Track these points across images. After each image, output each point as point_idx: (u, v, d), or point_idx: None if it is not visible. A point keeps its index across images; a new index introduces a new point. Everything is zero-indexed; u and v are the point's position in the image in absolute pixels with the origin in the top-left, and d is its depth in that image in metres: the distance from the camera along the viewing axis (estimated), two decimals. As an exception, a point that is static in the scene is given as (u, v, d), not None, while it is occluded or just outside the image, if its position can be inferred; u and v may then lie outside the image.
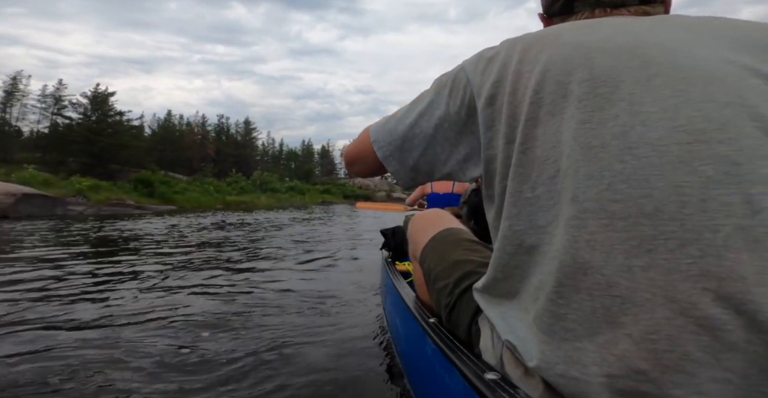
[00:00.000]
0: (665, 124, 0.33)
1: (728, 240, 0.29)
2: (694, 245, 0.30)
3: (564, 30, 0.42)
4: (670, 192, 0.31)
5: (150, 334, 1.47)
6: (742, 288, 0.29)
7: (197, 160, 31.35)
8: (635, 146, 0.33)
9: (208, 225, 7.35)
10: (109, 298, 2.01)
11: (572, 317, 0.34)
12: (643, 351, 0.31)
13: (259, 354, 1.30)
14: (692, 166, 0.31)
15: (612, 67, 0.36)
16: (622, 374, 0.31)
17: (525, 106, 0.39)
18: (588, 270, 0.33)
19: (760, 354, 0.28)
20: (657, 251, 0.31)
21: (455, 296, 0.58)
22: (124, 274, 2.65)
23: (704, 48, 0.36)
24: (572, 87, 0.37)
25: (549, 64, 0.39)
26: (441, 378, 0.55)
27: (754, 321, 0.28)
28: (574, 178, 0.35)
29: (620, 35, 0.38)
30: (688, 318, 0.30)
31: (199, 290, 2.21)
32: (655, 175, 0.32)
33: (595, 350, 0.33)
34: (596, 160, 0.34)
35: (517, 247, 0.40)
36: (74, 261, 3.15)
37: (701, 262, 0.30)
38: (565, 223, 0.35)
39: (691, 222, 0.30)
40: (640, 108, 0.34)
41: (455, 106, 0.46)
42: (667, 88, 0.34)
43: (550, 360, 0.36)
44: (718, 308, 0.29)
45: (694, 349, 0.29)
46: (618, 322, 0.32)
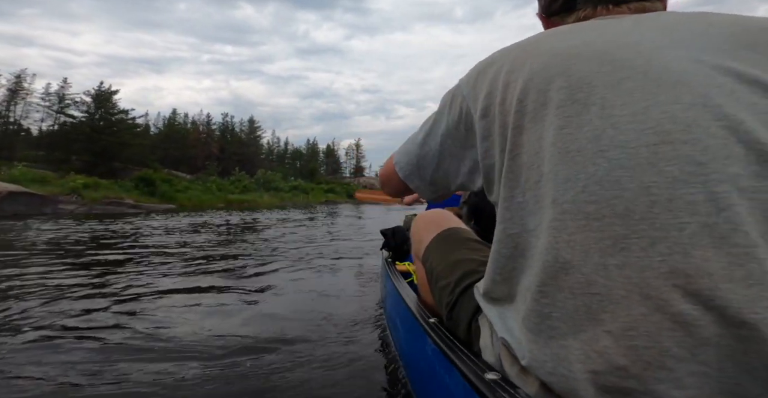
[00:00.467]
0: (634, 127, 0.34)
1: (694, 238, 0.30)
2: (662, 243, 0.31)
3: (546, 38, 0.43)
4: (640, 192, 0.32)
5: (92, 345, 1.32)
6: (709, 284, 0.30)
7: (201, 159, 31.24)
8: (606, 149, 0.34)
9: (199, 224, 7.11)
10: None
11: (556, 315, 0.35)
12: (622, 347, 0.32)
13: (257, 353, 1.28)
14: (659, 166, 0.32)
15: (587, 73, 0.37)
16: (605, 370, 0.32)
17: (512, 115, 0.41)
18: (569, 270, 0.34)
19: (733, 347, 0.29)
20: (630, 249, 0.32)
21: (456, 295, 0.59)
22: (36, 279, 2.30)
23: (678, 49, 0.36)
24: (551, 94, 0.38)
25: (531, 73, 0.40)
26: (441, 378, 0.56)
27: (723, 316, 0.29)
28: (554, 182, 0.36)
29: (598, 39, 0.39)
30: (663, 315, 0.31)
31: (154, 295, 2.04)
32: (626, 177, 0.33)
33: (578, 347, 0.34)
34: (573, 164, 0.36)
35: (513, 250, 0.41)
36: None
37: (670, 260, 0.31)
38: (547, 225, 0.36)
39: (659, 221, 0.31)
40: (611, 111, 0.35)
41: (454, 121, 0.49)
42: (638, 92, 0.35)
43: (539, 358, 0.37)
44: (689, 304, 0.30)
45: (672, 345, 0.30)
46: (598, 319, 0.33)
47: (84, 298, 1.91)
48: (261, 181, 27.67)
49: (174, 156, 29.63)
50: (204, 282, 2.34)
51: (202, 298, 1.97)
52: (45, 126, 25.04)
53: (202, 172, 27.64)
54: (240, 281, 2.41)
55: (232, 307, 1.83)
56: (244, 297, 2.01)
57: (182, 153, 30.96)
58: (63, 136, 22.13)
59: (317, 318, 1.67)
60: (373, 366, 1.21)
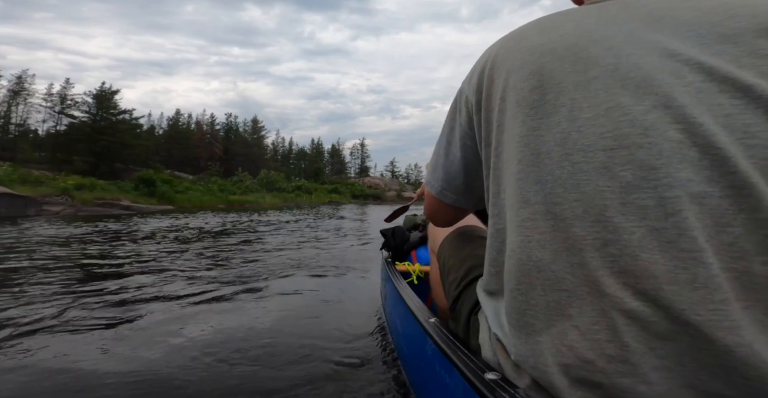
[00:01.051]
0: (595, 131, 0.34)
1: (642, 242, 0.31)
2: (614, 245, 0.32)
3: (528, 30, 0.42)
4: (595, 196, 0.33)
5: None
6: (654, 285, 0.30)
7: (205, 160, 30.98)
8: (571, 153, 0.35)
9: (183, 226, 6.63)
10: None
11: (531, 312, 0.36)
12: (588, 341, 0.33)
13: (258, 354, 1.29)
14: (613, 171, 0.33)
15: (558, 72, 0.37)
16: (574, 364, 0.33)
17: (495, 113, 0.41)
18: (541, 268, 0.36)
19: (688, 343, 0.29)
20: (586, 250, 0.33)
21: (461, 288, 0.60)
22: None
23: (654, 42, 0.35)
24: (524, 94, 0.38)
25: (510, 70, 0.40)
26: (441, 378, 0.56)
27: (670, 314, 0.30)
28: (526, 182, 0.37)
29: (574, 32, 0.38)
30: (619, 312, 0.32)
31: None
32: (584, 180, 0.34)
33: (550, 341, 0.35)
34: (542, 166, 0.36)
35: (501, 244, 0.41)
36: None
37: (620, 261, 0.32)
38: (520, 224, 0.37)
39: (612, 225, 0.32)
40: (578, 114, 0.35)
41: (464, 121, 0.48)
42: (603, 92, 0.35)
43: (522, 354, 0.38)
44: (638, 301, 0.31)
45: (630, 340, 0.31)
46: (566, 314, 0.34)
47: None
48: (264, 181, 27.33)
49: (177, 157, 29.40)
50: (189, 285, 2.19)
51: (194, 301, 1.89)
52: (47, 126, 24.92)
53: (204, 172, 27.37)
54: (235, 282, 2.30)
55: (228, 306, 1.79)
56: (240, 297, 1.95)
57: (186, 154, 30.75)
58: (65, 137, 21.99)
59: (316, 318, 1.66)
60: (372, 366, 1.20)
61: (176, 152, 29.63)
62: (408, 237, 1.66)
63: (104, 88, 23.44)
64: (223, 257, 3.21)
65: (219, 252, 3.54)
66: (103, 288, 2.10)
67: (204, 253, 3.44)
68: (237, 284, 2.21)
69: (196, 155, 31.35)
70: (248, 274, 2.50)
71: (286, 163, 47.08)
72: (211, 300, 1.86)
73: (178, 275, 2.45)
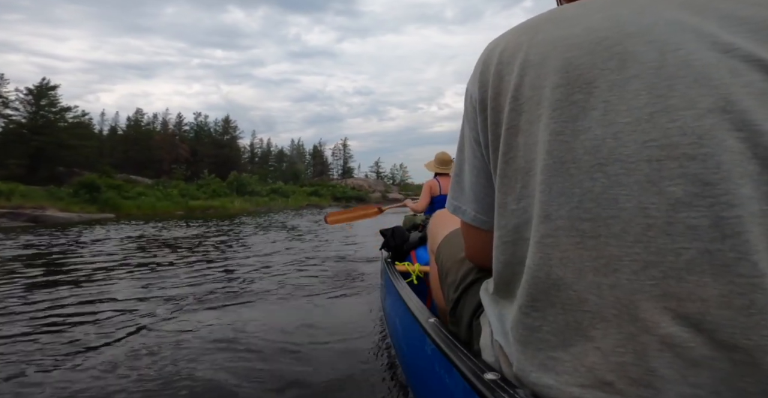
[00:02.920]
0: (636, 138, 0.30)
1: (691, 264, 0.29)
2: (657, 267, 0.30)
3: (544, 23, 0.37)
4: (636, 213, 0.30)
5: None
6: (701, 308, 0.28)
7: (168, 162, 28.20)
8: (606, 163, 0.31)
9: (81, 244, 5.22)
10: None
11: (547, 329, 0.34)
12: (611, 363, 0.31)
13: (256, 355, 1.32)
14: (660, 186, 0.30)
15: (588, 69, 0.33)
16: (591, 384, 0.32)
17: (506, 113, 0.38)
18: (561, 287, 0.33)
19: (727, 371, 0.28)
20: (622, 271, 0.31)
21: (460, 291, 0.58)
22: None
23: (701, 35, 0.30)
24: (546, 92, 0.34)
25: (525, 66, 0.36)
26: (441, 378, 0.55)
27: (714, 339, 0.28)
28: (548, 195, 0.34)
29: (604, 25, 0.33)
30: (652, 336, 0.30)
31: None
32: (623, 195, 0.31)
33: (569, 360, 0.33)
34: (568, 176, 0.33)
35: (511, 257, 0.39)
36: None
37: (662, 284, 0.30)
38: (539, 240, 0.34)
39: (655, 245, 0.30)
40: (614, 118, 0.31)
41: (471, 122, 0.44)
42: (646, 94, 0.31)
43: (524, 367, 0.36)
44: (678, 326, 0.29)
45: (659, 365, 0.29)
46: (588, 336, 0.32)
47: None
48: (234, 184, 24.91)
49: (137, 159, 26.54)
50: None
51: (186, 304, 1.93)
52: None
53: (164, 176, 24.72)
54: (227, 282, 2.42)
55: (227, 311, 1.84)
56: (237, 299, 2.03)
57: (147, 156, 27.91)
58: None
59: (316, 319, 1.72)
60: (372, 366, 1.22)
61: (135, 154, 26.77)
62: (408, 237, 1.71)
63: (42, 84, 20.58)
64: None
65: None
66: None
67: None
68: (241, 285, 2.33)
69: (160, 157, 28.54)
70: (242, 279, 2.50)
71: (264, 165, 44.54)
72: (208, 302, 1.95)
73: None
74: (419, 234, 1.68)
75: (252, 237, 5.90)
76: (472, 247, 0.52)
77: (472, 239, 0.51)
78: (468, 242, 0.52)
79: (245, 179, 26.00)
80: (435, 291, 0.77)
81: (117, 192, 17.07)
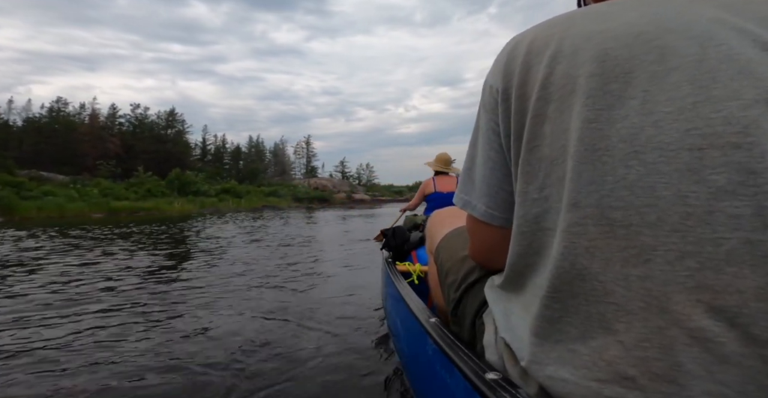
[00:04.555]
0: (678, 127, 0.30)
1: (731, 255, 0.28)
2: (694, 258, 0.29)
3: (579, 17, 0.37)
4: (675, 201, 0.30)
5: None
6: (738, 301, 0.28)
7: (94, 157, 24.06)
8: (643, 151, 0.31)
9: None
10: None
11: (567, 320, 0.34)
12: (633, 358, 0.30)
13: (257, 355, 1.33)
14: (701, 174, 0.29)
15: (626, 60, 0.32)
16: (610, 379, 0.31)
17: (532, 102, 0.37)
18: (586, 277, 0.32)
19: (757, 369, 0.27)
20: (655, 262, 0.30)
21: (461, 291, 0.57)
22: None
23: (742, 32, 0.31)
24: (581, 81, 0.34)
25: (557, 56, 0.36)
26: (442, 378, 0.55)
27: (747, 334, 0.27)
28: (577, 182, 0.33)
29: (642, 21, 0.33)
30: (681, 329, 0.29)
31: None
32: (662, 184, 0.30)
33: (587, 353, 0.32)
34: (600, 164, 0.32)
35: (527, 248, 0.38)
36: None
37: (698, 275, 0.29)
38: (565, 229, 0.33)
39: (693, 235, 0.29)
40: (653, 107, 0.31)
41: (490, 114, 0.43)
42: (687, 85, 0.30)
43: (541, 361, 0.35)
44: (710, 320, 0.28)
45: (686, 361, 0.29)
46: (612, 329, 0.31)
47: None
48: (175, 183, 21.66)
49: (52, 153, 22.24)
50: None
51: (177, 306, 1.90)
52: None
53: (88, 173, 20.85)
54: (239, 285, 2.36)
55: (221, 313, 1.82)
56: (235, 302, 2.01)
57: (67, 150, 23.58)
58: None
59: (317, 319, 1.72)
60: (373, 366, 1.22)
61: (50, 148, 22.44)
62: (408, 237, 1.72)
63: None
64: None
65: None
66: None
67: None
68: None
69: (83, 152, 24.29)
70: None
71: (217, 163, 40.65)
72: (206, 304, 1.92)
73: None
74: (420, 234, 1.69)
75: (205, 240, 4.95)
76: (478, 245, 0.50)
77: (479, 236, 0.48)
78: (474, 239, 0.50)
79: (190, 177, 22.75)
80: (434, 291, 0.76)
81: (16, 191, 13.71)
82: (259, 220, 10.43)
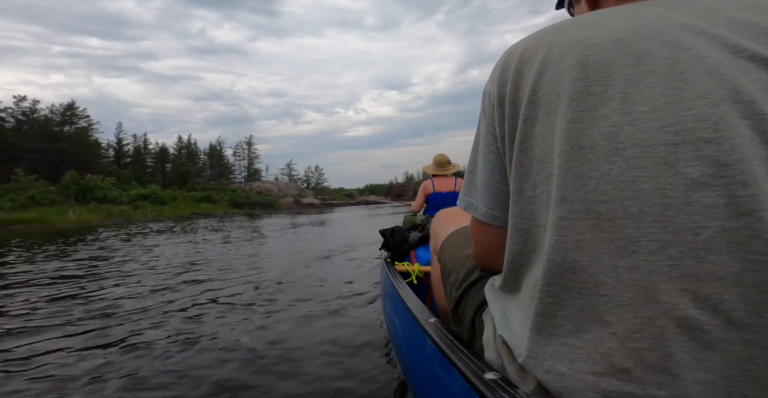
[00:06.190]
0: (654, 124, 0.32)
1: (709, 243, 0.29)
2: (675, 247, 0.30)
3: (565, 27, 0.39)
4: (654, 194, 0.31)
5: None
6: (719, 288, 0.29)
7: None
8: (623, 147, 0.33)
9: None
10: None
11: (561, 314, 0.34)
12: (627, 349, 0.31)
13: (257, 355, 1.37)
14: (677, 167, 0.31)
15: (606, 65, 0.35)
16: (606, 372, 0.31)
17: (523, 105, 0.39)
18: (577, 270, 0.33)
19: (738, 354, 0.28)
20: (639, 252, 0.31)
21: (462, 289, 0.58)
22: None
23: (712, 37, 0.33)
24: (565, 85, 0.36)
25: (545, 62, 0.38)
26: (441, 378, 0.55)
27: (729, 319, 0.29)
28: (564, 179, 0.34)
29: (622, 28, 0.36)
30: (670, 319, 0.30)
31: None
32: (641, 177, 0.32)
33: (582, 347, 0.33)
34: (585, 161, 0.34)
35: (523, 245, 0.39)
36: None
37: (681, 264, 0.30)
38: (555, 223, 0.35)
39: (673, 225, 0.30)
40: (631, 107, 0.33)
41: (489, 119, 0.44)
42: (661, 86, 0.32)
43: (538, 356, 0.36)
44: (696, 309, 0.29)
45: (677, 350, 0.29)
46: (604, 321, 0.32)
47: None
48: (72, 188, 17.55)
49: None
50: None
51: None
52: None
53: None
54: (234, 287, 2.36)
55: (222, 315, 1.85)
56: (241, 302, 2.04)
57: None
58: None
59: (316, 319, 1.76)
60: (372, 367, 1.23)
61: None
62: (407, 237, 1.70)
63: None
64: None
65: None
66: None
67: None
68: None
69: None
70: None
71: (136, 165, 35.11)
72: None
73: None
74: (419, 234, 1.68)
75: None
76: (480, 245, 0.51)
77: (481, 236, 0.49)
78: (477, 240, 0.51)
79: (93, 182, 18.58)
80: (437, 290, 0.77)
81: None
82: (162, 235, 7.93)
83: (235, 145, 46.14)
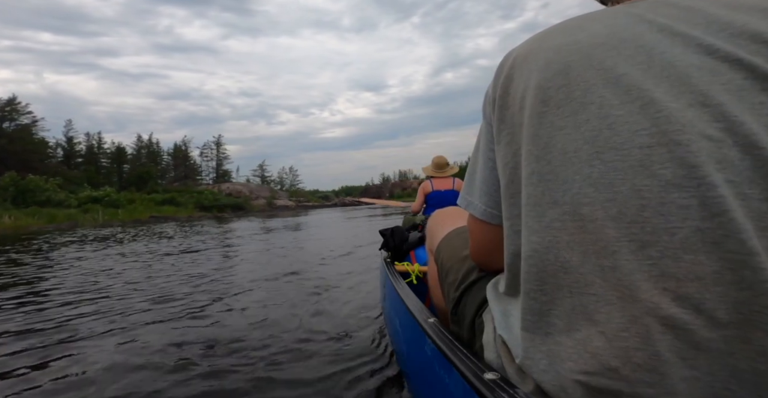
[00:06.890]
0: (629, 128, 0.33)
1: (686, 243, 0.30)
2: (653, 247, 0.31)
3: (554, 31, 0.41)
4: (631, 195, 0.32)
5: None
6: (699, 287, 0.29)
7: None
8: (602, 151, 0.33)
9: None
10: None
11: (555, 312, 0.35)
12: (615, 348, 0.31)
13: (257, 355, 1.33)
14: (651, 169, 0.31)
15: (586, 70, 0.36)
16: (596, 371, 0.32)
17: (515, 111, 0.40)
18: (569, 269, 0.34)
19: (723, 351, 0.29)
20: (620, 252, 0.32)
21: (461, 290, 0.58)
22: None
23: (687, 38, 0.33)
24: (551, 93, 0.37)
25: (533, 69, 0.39)
26: (440, 378, 0.55)
27: (712, 319, 0.29)
28: (554, 182, 0.36)
29: (603, 32, 0.37)
30: (654, 318, 0.30)
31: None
32: (619, 179, 0.32)
33: (572, 346, 0.34)
34: (570, 165, 0.35)
35: (519, 247, 0.40)
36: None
37: (660, 263, 0.30)
38: (548, 225, 0.36)
39: (650, 225, 0.31)
40: (608, 111, 0.34)
41: (490, 119, 0.46)
42: (636, 89, 0.33)
43: (533, 356, 0.37)
44: (678, 308, 0.30)
45: (663, 349, 0.30)
46: (593, 320, 0.33)
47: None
48: (10, 190, 15.61)
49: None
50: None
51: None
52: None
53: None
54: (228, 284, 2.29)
55: (219, 314, 1.81)
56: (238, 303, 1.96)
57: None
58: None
59: (316, 319, 1.72)
60: (372, 367, 1.21)
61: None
62: (407, 237, 1.71)
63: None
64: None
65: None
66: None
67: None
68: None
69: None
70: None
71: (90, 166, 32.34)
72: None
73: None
74: (418, 234, 1.70)
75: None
76: (478, 244, 0.52)
77: (479, 235, 0.51)
78: (475, 239, 0.52)
79: (34, 183, 16.65)
80: (434, 290, 0.76)
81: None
82: (96, 243, 6.85)
83: (202, 145, 43.66)
